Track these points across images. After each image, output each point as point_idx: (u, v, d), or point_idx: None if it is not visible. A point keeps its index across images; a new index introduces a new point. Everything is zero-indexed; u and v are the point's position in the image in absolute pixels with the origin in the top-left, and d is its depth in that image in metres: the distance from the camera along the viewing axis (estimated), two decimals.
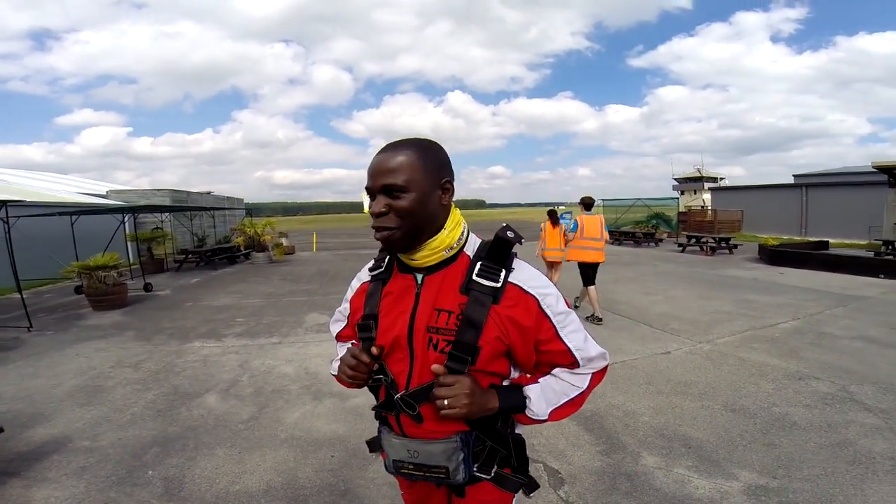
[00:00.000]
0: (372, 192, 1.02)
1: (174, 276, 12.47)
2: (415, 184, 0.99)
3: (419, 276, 1.08)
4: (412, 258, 1.06)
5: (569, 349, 1.06)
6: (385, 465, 1.15)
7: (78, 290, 9.24)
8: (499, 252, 1.04)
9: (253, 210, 22.89)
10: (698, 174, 45.94)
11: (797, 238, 18.45)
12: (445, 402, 0.98)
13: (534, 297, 1.03)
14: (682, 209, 24.91)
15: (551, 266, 7.74)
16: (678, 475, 2.71)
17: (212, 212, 17.70)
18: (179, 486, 2.74)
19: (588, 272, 6.72)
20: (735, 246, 14.97)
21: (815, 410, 3.51)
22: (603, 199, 22.78)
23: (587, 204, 7.09)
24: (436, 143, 1.08)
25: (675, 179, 48.57)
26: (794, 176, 29.09)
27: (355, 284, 1.25)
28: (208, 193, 19.33)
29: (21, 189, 9.54)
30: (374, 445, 1.27)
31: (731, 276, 10.16)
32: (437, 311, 1.03)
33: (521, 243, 1.07)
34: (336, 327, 1.36)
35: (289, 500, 2.60)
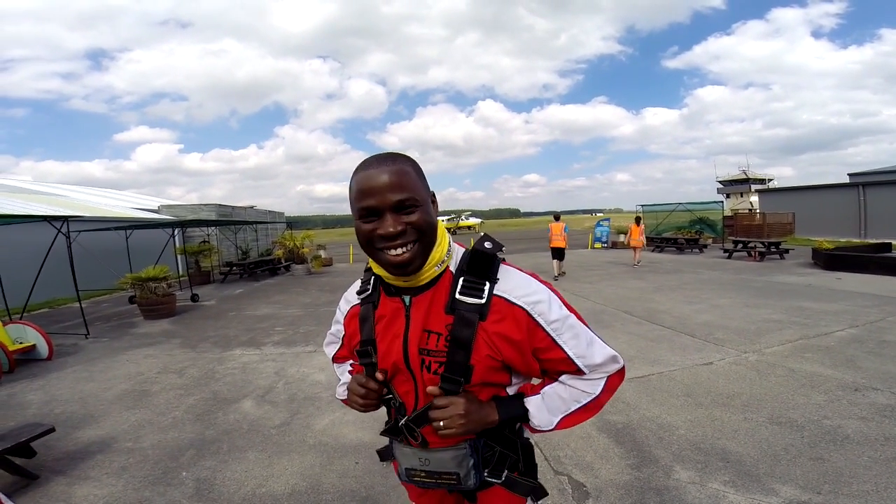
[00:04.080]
0: (377, 210, 0.92)
1: (219, 287, 13.03)
2: (420, 196, 0.94)
3: (407, 298, 1.04)
4: (405, 280, 1.00)
5: (569, 357, 1.01)
6: (398, 474, 1.15)
7: (132, 300, 9.81)
8: (479, 265, 1.00)
9: (294, 223, 23.63)
10: (744, 176, 43.85)
11: (856, 241, 17.24)
12: (441, 423, 0.97)
13: (522, 307, 0.98)
14: (727, 213, 23.85)
15: (635, 250, 13.59)
16: (712, 490, 2.56)
17: (254, 225, 18.40)
18: (210, 487, 2.83)
19: (555, 252, 11.53)
20: (786, 251, 14.19)
21: (872, 423, 3.25)
22: (642, 205, 22.14)
23: (556, 216, 11.98)
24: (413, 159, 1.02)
25: (720, 182, 46.56)
26: (849, 175, 27.26)
27: (344, 307, 1.21)
28: (251, 207, 20.13)
29: (81, 205, 10.24)
30: (386, 455, 1.27)
31: (781, 283, 9.61)
32: (426, 333, 1.01)
33: (501, 251, 1.03)
34: (331, 350, 1.34)
35: None
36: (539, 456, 3.02)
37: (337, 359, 1.34)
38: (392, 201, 0.91)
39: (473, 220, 55.40)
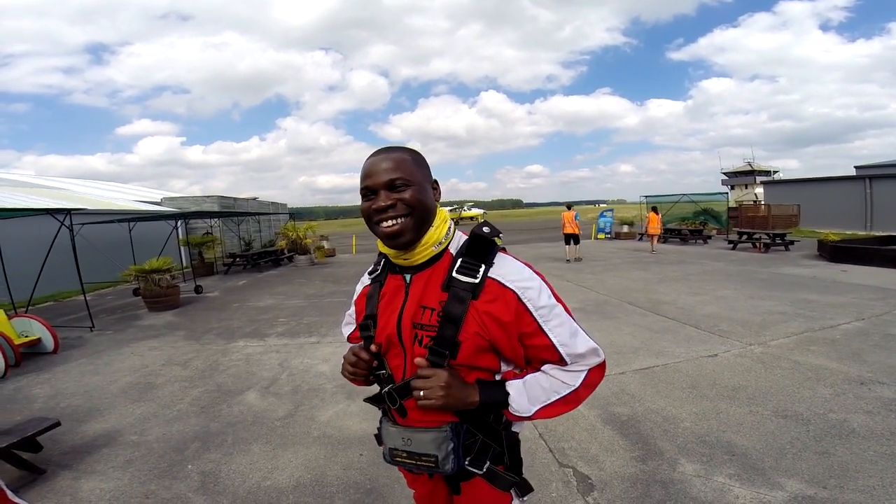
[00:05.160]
0: (374, 189, 1.05)
1: (223, 278, 13.05)
2: (415, 178, 1.06)
3: (408, 276, 1.13)
4: (404, 257, 1.10)
5: (553, 344, 1.05)
6: (383, 455, 1.19)
7: (135, 292, 9.84)
8: (478, 248, 1.07)
9: (296, 214, 23.60)
10: (749, 168, 43.57)
11: (861, 233, 17.13)
12: (421, 393, 1.01)
13: (513, 291, 1.03)
14: (732, 204, 23.71)
15: (652, 237, 14.45)
16: (718, 483, 2.55)
17: (257, 217, 18.41)
18: (215, 480, 2.84)
19: (568, 238, 12.94)
20: (791, 242, 14.09)
21: (878, 417, 3.23)
22: (646, 196, 22.05)
23: (568, 205, 13.60)
24: (418, 151, 1.14)
25: (724, 174, 46.32)
26: (855, 167, 27.02)
27: (358, 288, 1.31)
28: (254, 199, 20.11)
29: (84, 198, 10.24)
30: (381, 438, 1.30)
31: (786, 275, 9.56)
32: (422, 308, 1.08)
33: (499, 238, 1.08)
34: (347, 330, 1.44)
35: (316, 496, 2.64)
36: (543, 448, 3.01)
37: (351, 339, 1.41)
38: (384, 181, 1.04)
39: (476, 212, 55.29)
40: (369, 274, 1.26)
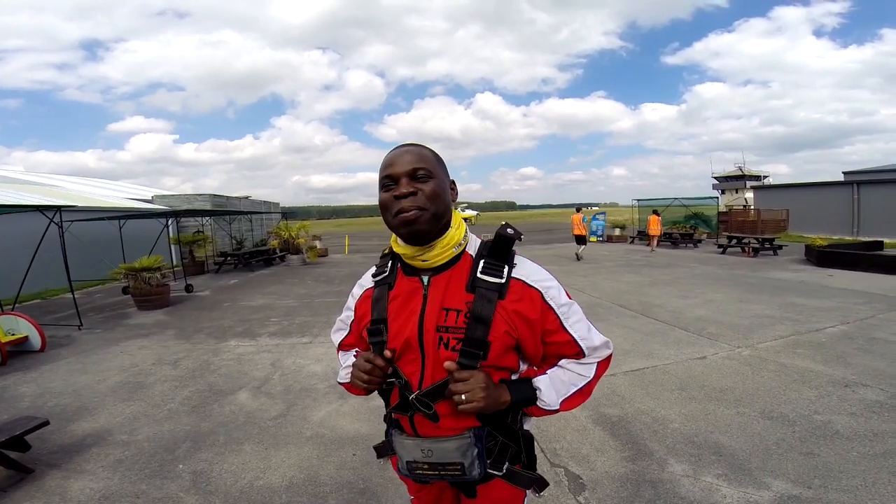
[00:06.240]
0: (396, 177, 1.03)
1: (214, 277, 12.96)
2: (437, 172, 1.06)
3: (425, 278, 1.09)
4: (422, 258, 1.07)
5: (574, 339, 1.08)
6: (398, 469, 1.16)
7: (125, 290, 9.73)
8: (500, 249, 1.07)
9: (289, 213, 23.53)
10: (740, 172, 44.15)
11: (848, 238, 17.42)
12: (463, 396, 0.99)
13: (537, 290, 1.06)
14: (722, 209, 23.98)
15: (652, 238, 15.98)
16: (706, 483, 2.60)
17: (249, 216, 18.31)
18: (207, 480, 2.83)
19: (578, 239, 14.21)
20: (780, 247, 14.28)
21: (861, 419, 3.30)
22: (638, 200, 22.24)
23: (577, 208, 14.89)
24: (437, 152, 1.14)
25: (715, 178, 46.89)
26: (843, 173, 27.45)
27: (357, 292, 1.24)
28: (246, 198, 20.01)
29: (74, 195, 10.13)
30: (383, 451, 1.27)
31: (774, 279, 9.70)
32: (445, 311, 1.05)
33: (520, 239, 1.10)
34: (338, 337, 1.34)
35: (309, 496, 2.65)
36: (535, 448, 3.04)
37: (343, 346, 1.34)
38: (407, 169, 1.03)
39: (470, 213, 55.43)
40: (373, 276, 1.20)
